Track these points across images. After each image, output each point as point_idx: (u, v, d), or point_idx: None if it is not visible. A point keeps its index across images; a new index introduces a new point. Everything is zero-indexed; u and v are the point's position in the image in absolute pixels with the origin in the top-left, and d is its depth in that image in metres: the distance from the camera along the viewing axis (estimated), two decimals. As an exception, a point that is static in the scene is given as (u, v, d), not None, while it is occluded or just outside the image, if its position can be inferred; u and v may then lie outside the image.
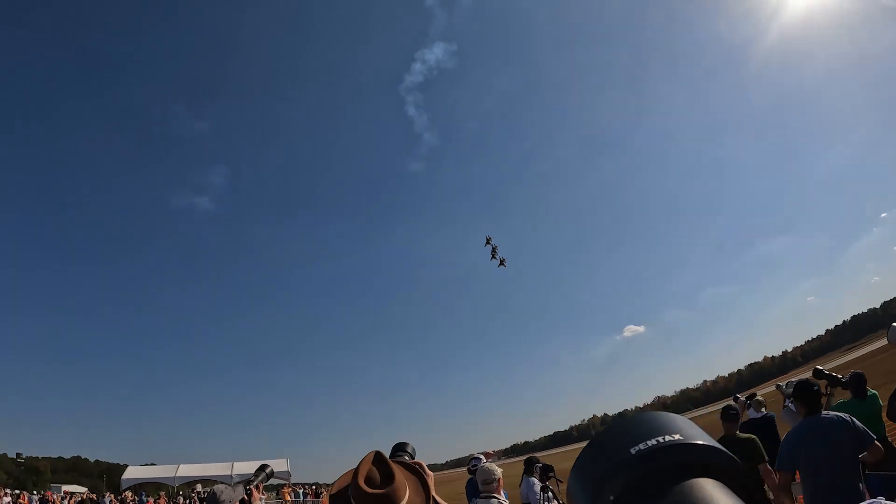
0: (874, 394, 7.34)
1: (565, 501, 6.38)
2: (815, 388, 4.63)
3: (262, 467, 4.76)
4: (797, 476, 4.70)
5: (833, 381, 7.43)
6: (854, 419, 4.47)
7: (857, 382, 7.34)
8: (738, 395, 9.57)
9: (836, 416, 4.51)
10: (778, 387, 9.28)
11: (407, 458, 3.06)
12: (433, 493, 2.22)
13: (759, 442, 6.11)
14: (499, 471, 5.49)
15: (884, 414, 6.99)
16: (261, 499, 4.55)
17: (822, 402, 4.72)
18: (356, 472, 2.08)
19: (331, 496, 2.17)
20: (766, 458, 5.94)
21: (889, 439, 7.37)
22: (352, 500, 2.06)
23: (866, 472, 6.15)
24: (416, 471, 2.22)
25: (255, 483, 4.59)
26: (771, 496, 6.37)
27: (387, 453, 2.67)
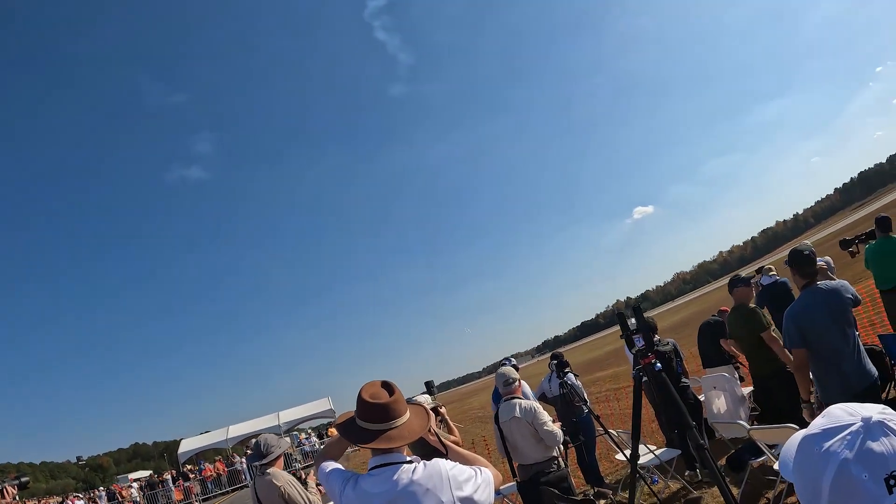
0: None
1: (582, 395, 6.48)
2: (808, 253, 4.54)
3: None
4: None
5: (862, 238, 7.49)
6: (847, 284, 4.46)
7: (881, 221, 7.47)
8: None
9: (835, 283, 4.50)
10: (786, 262, 9.26)
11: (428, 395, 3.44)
12: (435, 427, 2.57)
13: (757, 311, 6.12)
14: (515, 373, 5.61)
15: None
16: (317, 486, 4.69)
17: (817, 269, 4.62)
18: (361, 389, 2.35)
19: (336, 425, 2.49)
20: (768, 325, 5.96)
21: None
22: (356, 420, 2.33)
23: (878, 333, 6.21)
24: (421, 405, 2.57)
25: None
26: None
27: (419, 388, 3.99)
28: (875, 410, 0.99)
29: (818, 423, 1.04)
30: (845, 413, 1.01)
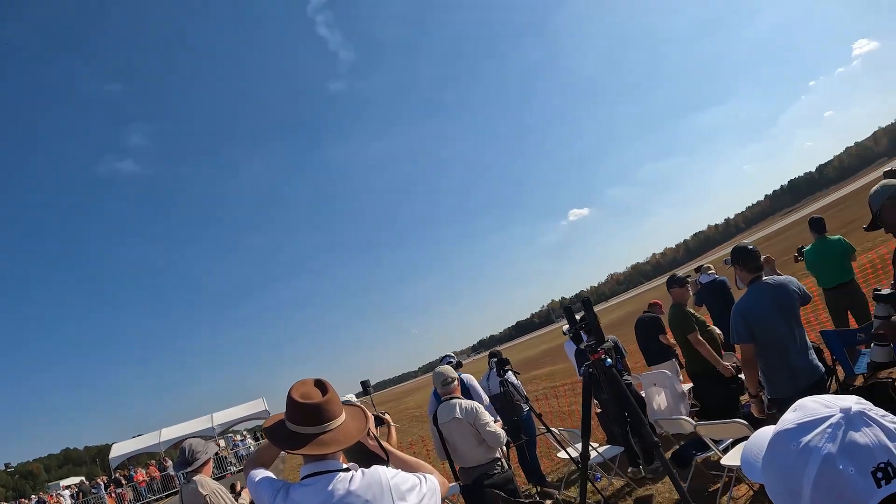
0: (840, 237, 7.59)
1: (523, 392, 6.41)
2: (752, 248, 4.52)
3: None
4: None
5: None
6: (795, 279, 4.45)
7: (815, 223, 7.68)
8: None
9: (782, 277, 4.48)
10: (726, 261, 9.47)
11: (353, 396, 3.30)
12: (374, 430, 2.42)
13: (689, 314, 6.41)
14: (454, 371, 5.42)
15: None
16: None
17: (762, 264, 4.63)
18: (291, 389, 2.09)
19: (265, 429, 2.20)
20: (695, 328, 6.21)
21: (856, 280, 7.63)
22: (286, 423, 2.09)
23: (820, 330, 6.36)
24: (358, 406, 2.32)
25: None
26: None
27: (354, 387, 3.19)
28: (852, 401, 0.89)
29: (791, 418, 0.92)
30: (820, 405, 0.91)
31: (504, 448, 5.51)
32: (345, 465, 2.05)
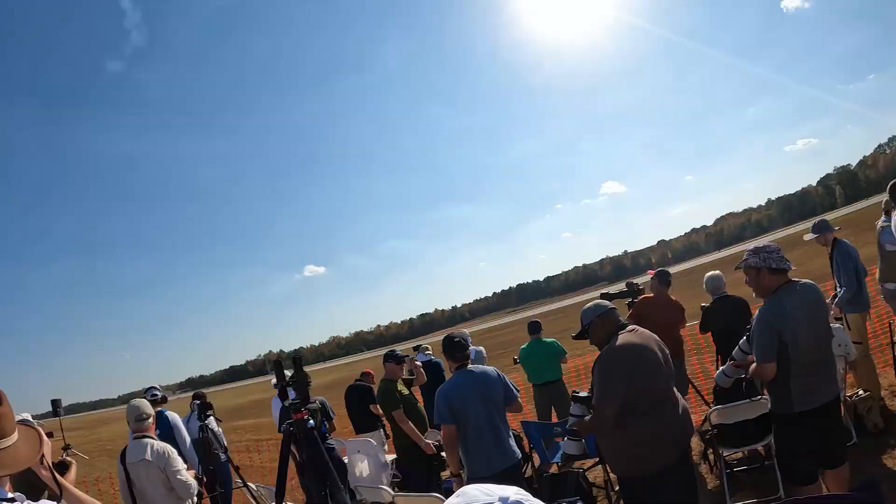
0: (554, 340, 8.44)
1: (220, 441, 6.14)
2: (458, 339, 4.84)
3: None
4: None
5: None
6: (501, 372, 4.80)
7: (532, 325, 8.53)
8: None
9: (488, 368, 4.81)
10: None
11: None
12: (49, 458, 2.06)
13: (392, 391, 6.42)
14: (150, 407, 4.93)
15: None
16: None
17: (468, 353, 4.94)
18: None
19: None
20: (400, 405, 6.30)
21: (564, 381, 8.42)
22: None
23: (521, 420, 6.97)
24: (35, 428, 2.02)
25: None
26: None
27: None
28: (511, 491, 0.97)
29: (453, 503, 0.99)
30: (481, 493, 0.98)
31: (195, 499, 5.18)
32: (10, 495, 1.77)
